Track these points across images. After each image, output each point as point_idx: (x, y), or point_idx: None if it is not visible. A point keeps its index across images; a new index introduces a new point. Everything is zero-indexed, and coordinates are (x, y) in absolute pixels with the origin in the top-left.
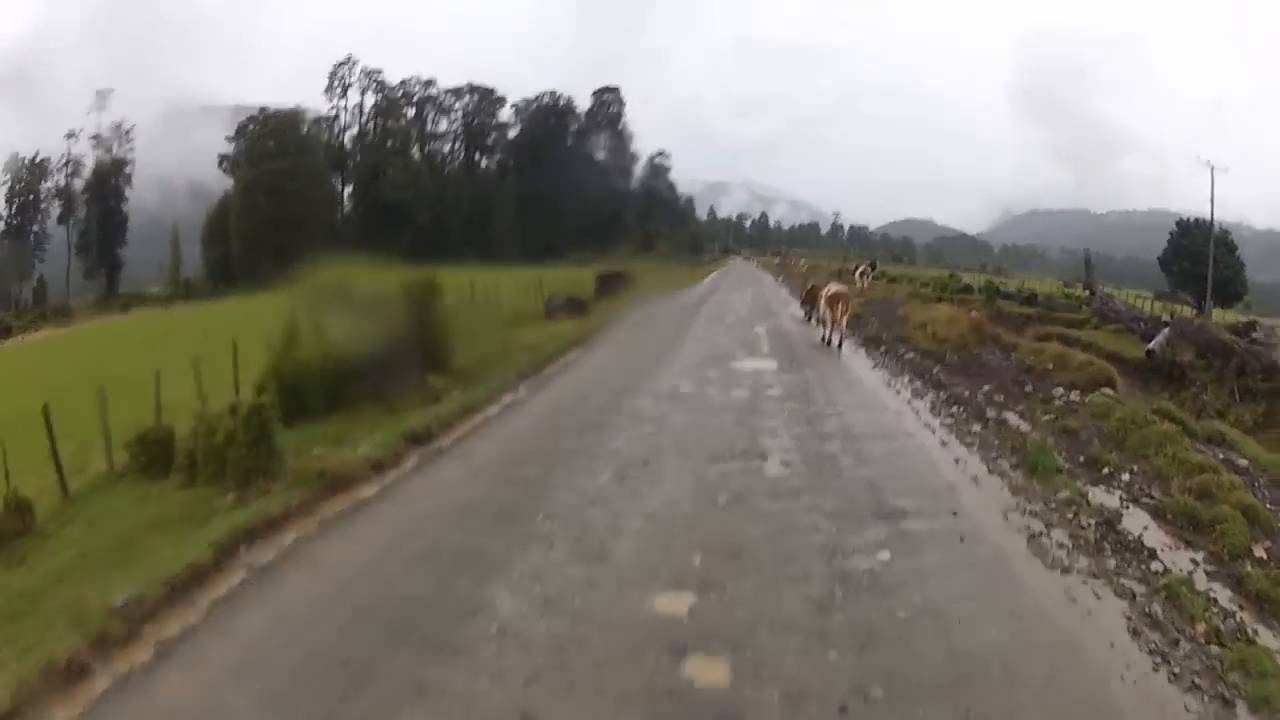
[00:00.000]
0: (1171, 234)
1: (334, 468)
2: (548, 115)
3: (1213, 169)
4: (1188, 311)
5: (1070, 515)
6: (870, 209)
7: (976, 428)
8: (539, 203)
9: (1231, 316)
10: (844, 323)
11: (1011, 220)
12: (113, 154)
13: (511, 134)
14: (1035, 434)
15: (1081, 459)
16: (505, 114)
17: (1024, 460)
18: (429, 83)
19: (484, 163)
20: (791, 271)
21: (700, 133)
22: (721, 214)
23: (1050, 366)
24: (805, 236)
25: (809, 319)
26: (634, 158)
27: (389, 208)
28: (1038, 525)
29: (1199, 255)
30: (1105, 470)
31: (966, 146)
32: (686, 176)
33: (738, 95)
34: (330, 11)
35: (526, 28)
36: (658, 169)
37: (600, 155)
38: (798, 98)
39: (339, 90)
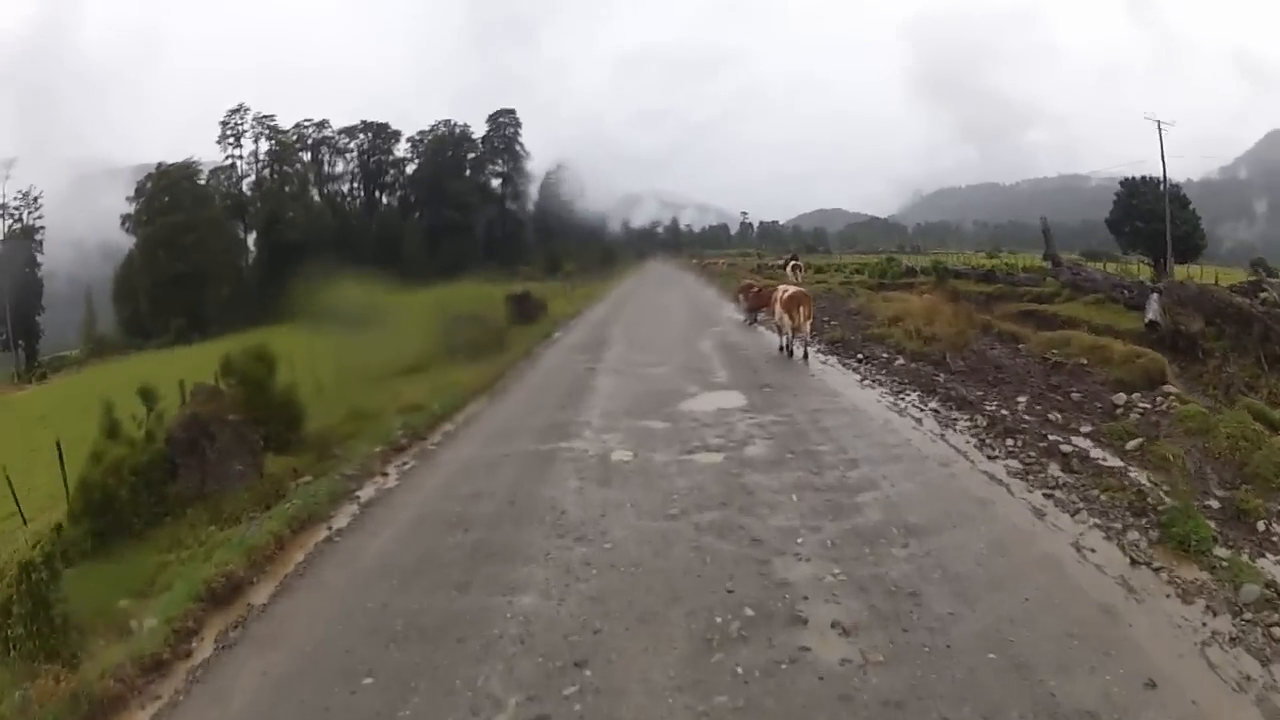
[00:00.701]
0: (1118, 195)
1: (90, 688)
2: (444, 146)
3: (1159, 125)
4: (1146, 271)
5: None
6: (779, 204)
7: (1056, 470)
8: (445, 230)
9: (1196, 272)
10: (808, 328)
11: (922, 200)
12: (23, 222)
13: (410, 169)
14: (1135, 472)
15: (1217, 506)
16: (402, 148)
17: (1163, 533)
18: (322, 124)
19: (384, 200)
20: (712, 272)
21: (608, 148)
22: (636, 224)
23: (1084, 361)
24: (716, 238)
25: (750, 323)
26: (530, 178)
27: (292, 248)
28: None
29: (1151, 214)
30: (1261, 524)
31: (871, 133)
32: (599, 191)
33: (640, 108)
34: (221, 61)
35: (420, 56)
36: (557, 184)
37: (497, 181)
38: (696, 104)
39: (232, 139)
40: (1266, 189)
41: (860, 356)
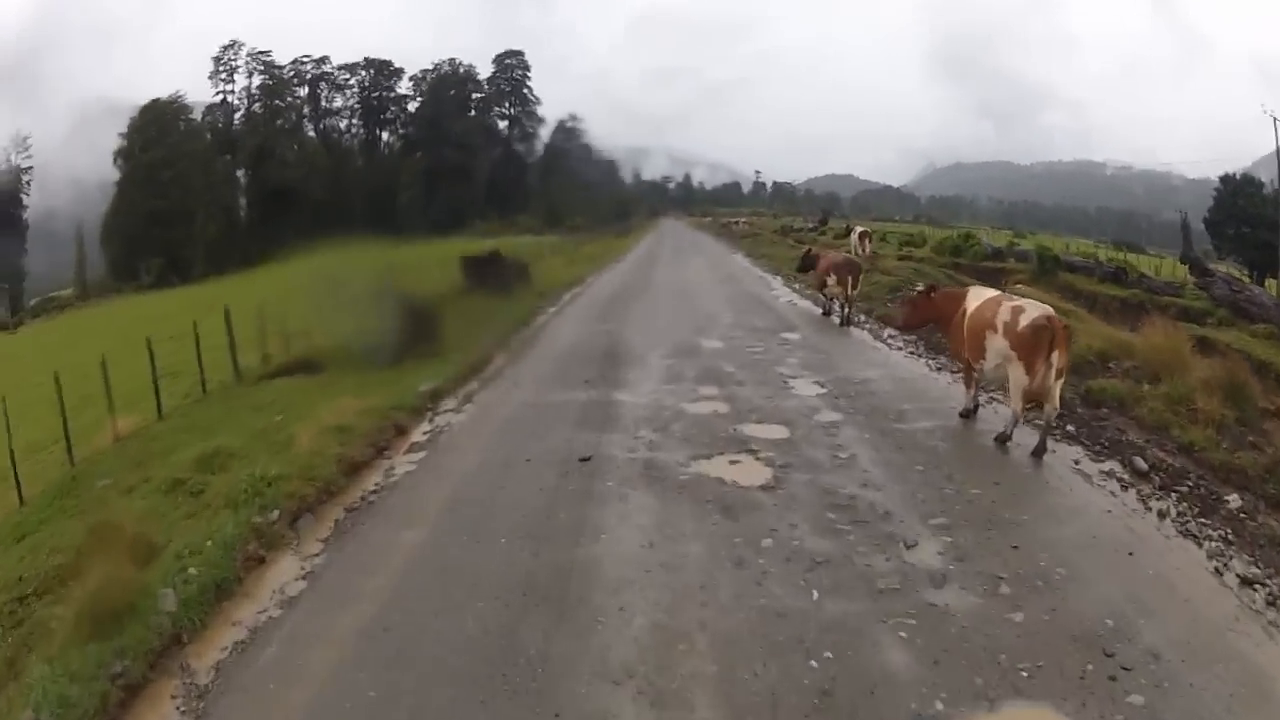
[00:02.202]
0: (1219, 192)
1: None
2: (448, 85)
3: (1276, 120)
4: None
5: None
6: (791, 167)
7: None
8: (444, 174)
9: None
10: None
11: (935, 173)
12: (11, 162)
13: (412, 107)
14: None
15: None
16: (404, 86)
17: None
18: (322, 60)
19: (385, 137)
20: (733, 233)
21: (616, 103)
22: (645, 176)
23: None
24: (727, 196)
25: (841, 320)
26: (540, 121)
27: (282, 190)
28: None
29: (1255, 218)
30: None
31: (887, 103)
32: (605, 144)
33: (652, 66)
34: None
35: (431, 13)
36: (570, 132)
37: (504, 123)
38: (713, 65)
39: (225, 75)
40: None
41: (1123, 459)
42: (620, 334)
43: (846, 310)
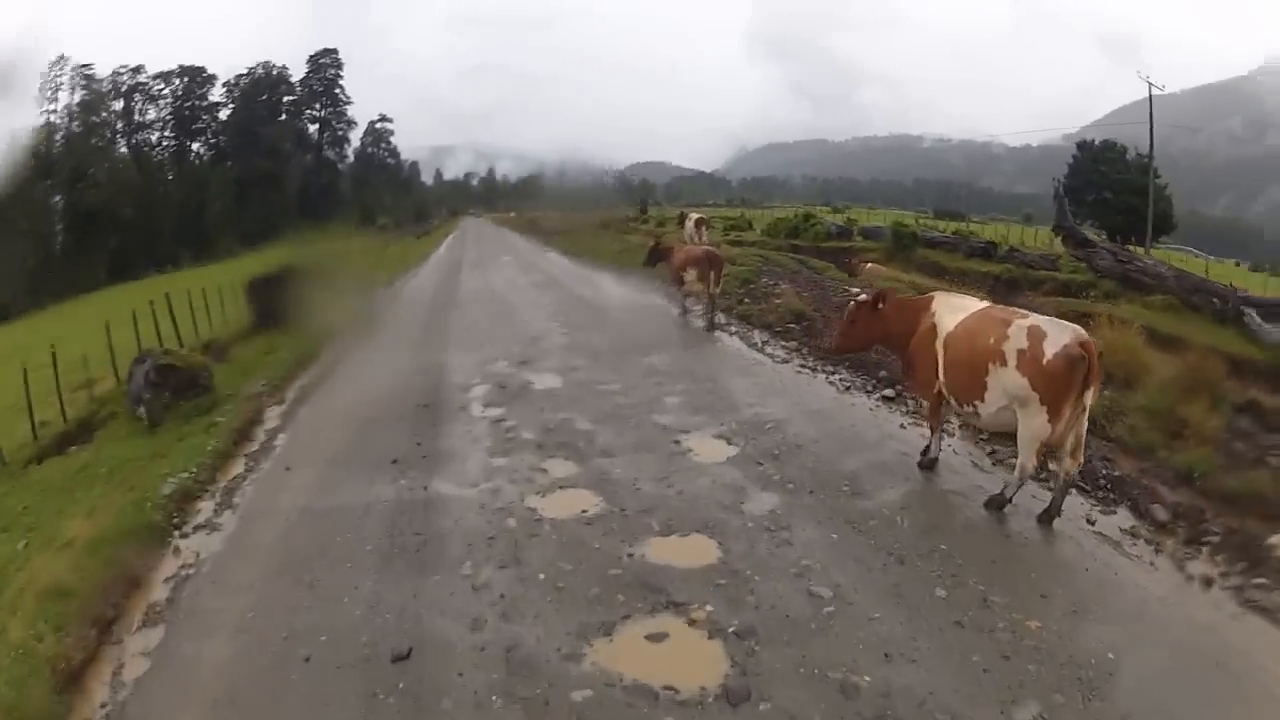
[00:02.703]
0: (1075, 158)
1: None
2: (260, 89)
3: (1150, 86)
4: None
5: None
6: (604, 156)
7: None
8: (255, 183)
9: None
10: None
11: (747, 155)
12: None
13: (223, 114)
14: None
15: None
16: (217, 93)
17: None
18: (137, 69)
19: (195, 148)
20: (544, 229)
21: (426, 100)
22: (448, 176)
23: None
24: (531, 189)
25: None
26: (352, 124)
27: (94, 212)
28: None
29: (1119, 184)
30: None
31: (702, 89)
32: (412, 143)
33: (463, 63)
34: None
35: (249, 15)
36: (379, 134)
37: (315, 126)
38: (524, 59)
39: (50, 94)
40: None
41: (1135, 506)
42: (431, 367)
43: (712, 313)
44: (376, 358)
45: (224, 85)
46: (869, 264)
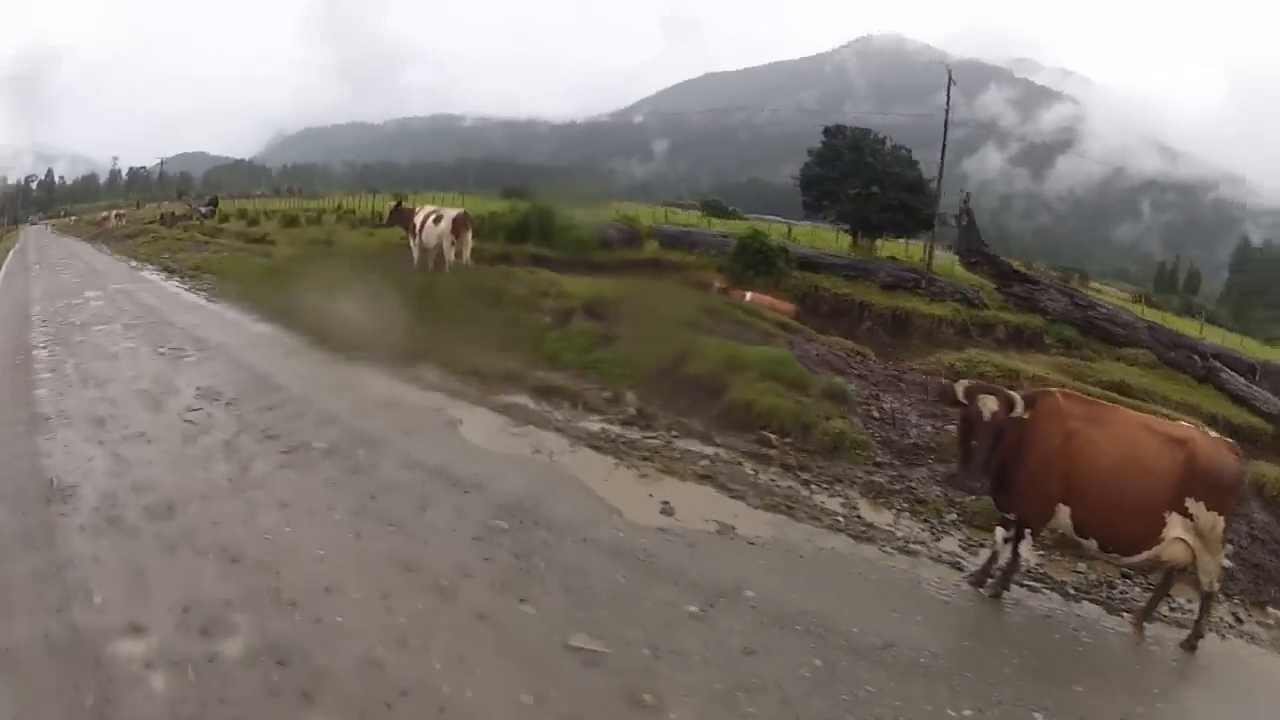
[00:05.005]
0: (824, 143)
1: None
2: None
3: (950, 73)
4: (840, 243)
5: None
6: (144, 152)
7: None
8: None
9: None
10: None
11: (284, 141)
12: None
13: None
14: None
15: None
16: None
17: None
18: None
19: None
20: (115, 235)
21: None
22: (11, 180)
23: None
24: (88, 190)
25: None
26: None
27: None
28: None
29: (892, 179)
30: None
31: (238, 74)
32: None
33: (25, 52)
34: None
35: None
36: None
37: None
38: (82, 48)
39: None
40: (662, 132)
41: None
42: None
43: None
44: None
45: None
46: (746, 293)
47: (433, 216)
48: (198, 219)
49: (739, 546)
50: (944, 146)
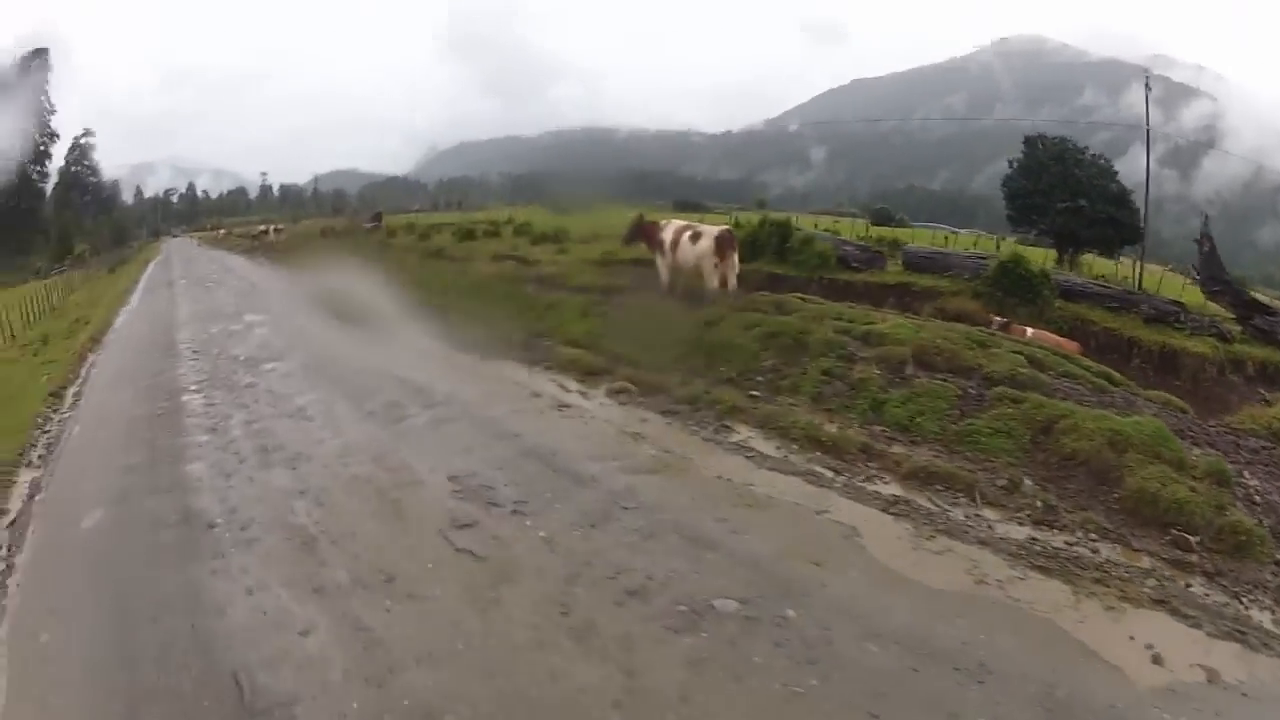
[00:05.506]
0: (1025, 154)
1: None
2: None
3: (1148, 79)
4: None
5: None
6: (298, 166)
7: None
8: None
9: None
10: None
11: (438, 156)
12: None
13: None
14: None
15: None
16: None
17: None
18: None
19: None
20: (273, 248)
21: (121, 114)
22: (148, 194)
23: None
24: (234, 204)
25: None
26: (55, 137)
27: None
28: None
29: (1098, 192)
30: None
31: (389, 90)
32: (110, 161)
33: (159, 68)
34: None
35: None
36: (84, 150)
37: (16, 139)
38: (221, 63)
39: None
40: (818, 141)
41: None
42: None
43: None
44: None
45: None
46: (1027, 329)
47: (688, 234)
48: (365, 231)
49: (1232, 699)
50: (1148, 156)
